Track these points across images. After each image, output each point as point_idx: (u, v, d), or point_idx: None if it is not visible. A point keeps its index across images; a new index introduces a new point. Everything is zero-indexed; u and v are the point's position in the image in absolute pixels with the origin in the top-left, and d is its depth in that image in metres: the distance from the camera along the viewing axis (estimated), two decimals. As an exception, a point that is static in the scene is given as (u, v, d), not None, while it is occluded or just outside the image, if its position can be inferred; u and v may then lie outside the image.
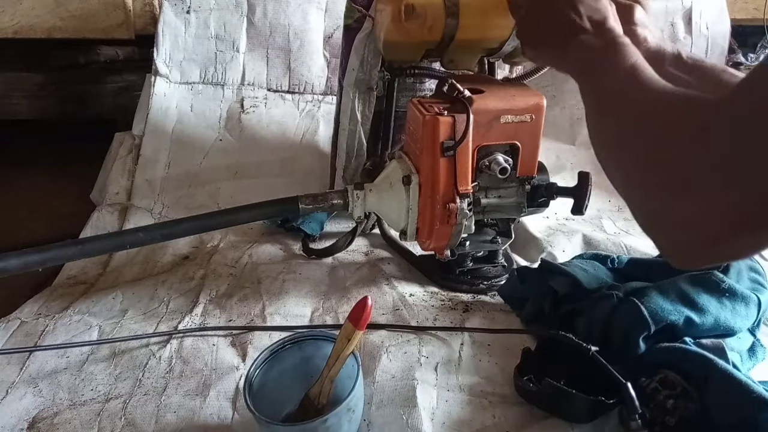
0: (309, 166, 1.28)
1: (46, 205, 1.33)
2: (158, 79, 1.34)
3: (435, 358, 0.75)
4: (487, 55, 0.92)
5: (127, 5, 1.43)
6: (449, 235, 0.80)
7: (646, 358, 0.68)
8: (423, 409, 0.66)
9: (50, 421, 0.67)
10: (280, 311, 0.85)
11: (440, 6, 0.79)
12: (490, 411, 0.67)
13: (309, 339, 0.67)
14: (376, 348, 0.76)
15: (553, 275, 0.80)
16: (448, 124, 0.74)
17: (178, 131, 1.31)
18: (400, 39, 0.82)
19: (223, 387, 0.71)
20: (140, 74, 1.38)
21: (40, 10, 1.40)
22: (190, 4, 1.35)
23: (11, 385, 0.73)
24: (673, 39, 1.33)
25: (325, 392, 0.63)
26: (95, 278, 1.00)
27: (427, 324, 0.81)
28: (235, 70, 1.38)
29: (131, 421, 0.67)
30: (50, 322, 0.85)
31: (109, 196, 1.21)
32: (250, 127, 1.34)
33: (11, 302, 0.92)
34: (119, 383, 0.72)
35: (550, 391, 0.65)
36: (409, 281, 0.93)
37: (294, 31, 1.38)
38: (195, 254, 1.04)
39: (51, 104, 1.50)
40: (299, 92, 1.41)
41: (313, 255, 1.01)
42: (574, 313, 0.76)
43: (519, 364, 0.71)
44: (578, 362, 0.68)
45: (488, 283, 0.91)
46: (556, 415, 0.66)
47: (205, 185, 1.24)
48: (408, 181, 0.79)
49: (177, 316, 0.85)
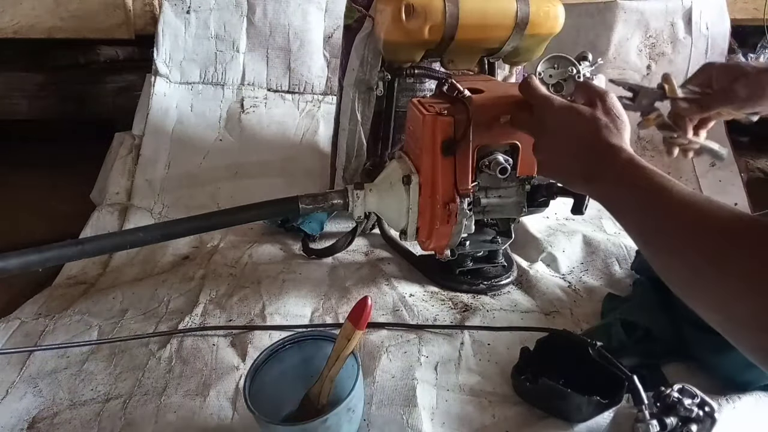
0: (309, 166, 1.28)
1: (46, 205, 1.32)
2: (158, 79, 1.34)
3: (435, 358, 0.75)
4: (487, 55, 0.92)
5: (127, 5, 1.43)
6: (449, 234, 0.80)
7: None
8: (423, 409, 0.66)
9: (50, 421, 0.67)
10: (280, 311, 0.85)
11: (440, 6, 0.79)
12: (490, 411, 0.67)
13: (309, 339, 0.67)
14: (376, 348, 0.76)
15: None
16: (448, 123, 0.74)
17: (178, 131, 1.32)
18: (400, 39, 0.82)
19: (223, 387, 0.71)
20: (140, 74, 1.39)
21: (40, 10, 1.40)
22: (190, 4, 1.35)
23: (11, 385, 0.73)
24: (673, 39, 1.34)
25: (325, 392, 0.62)
26: (95, 278, 1.00)
27: (427, 324, 0.81)
28: (235, 70, 1.38)
29: (131, 421, 0.67)
30: (50, 322, 0.85)
31: (109, 196, 1.21)
32: (250, 127, 1.34)
33: (11, 302, 0.92)
34: (119, 383, 0.72)
35: (546, 389, 0.65)
36: (409, 281, 0.93)
37: (294, 31, 1.38)
38: (195, 254, 1.04)
39: (51, 104, 1.50)
40: (299, 92, 1.41)
41: (313, 255, 1.01)
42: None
43: (517, 363, 0.71)
44: (576, 362, 0.69)
45: (488, 283, 0.91)
46: (553, 413, 0.66)
47: (205, 185, 1.24)
48: (408, 181, 0.79)
49: (177, 316, 0.85)
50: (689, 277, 0.43)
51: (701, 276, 0.42)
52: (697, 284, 0.42)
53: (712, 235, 0.42)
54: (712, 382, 0.70)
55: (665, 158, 1.30)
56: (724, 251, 0.40)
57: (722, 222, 0.42)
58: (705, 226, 0.43)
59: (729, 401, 0.66)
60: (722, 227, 0.42)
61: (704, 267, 0.41)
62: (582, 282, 0.93)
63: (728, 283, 0.39)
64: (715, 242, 0.41)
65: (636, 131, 1.35)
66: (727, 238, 0.41)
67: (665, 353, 0.74)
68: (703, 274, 0.41)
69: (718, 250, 0.41)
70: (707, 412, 0.61)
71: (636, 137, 1.34)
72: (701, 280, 0.42)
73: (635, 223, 0.50)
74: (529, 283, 0.93)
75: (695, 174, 1.27)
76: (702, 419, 0.60)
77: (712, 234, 0.42)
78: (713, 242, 0.42)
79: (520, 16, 0.82)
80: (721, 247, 0.41)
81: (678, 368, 0.73)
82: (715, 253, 0.41)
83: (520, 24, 0.83)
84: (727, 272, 0.40)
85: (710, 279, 0.41)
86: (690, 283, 0.43)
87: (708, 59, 1.33)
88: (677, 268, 0.44)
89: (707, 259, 0.41)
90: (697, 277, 0.42)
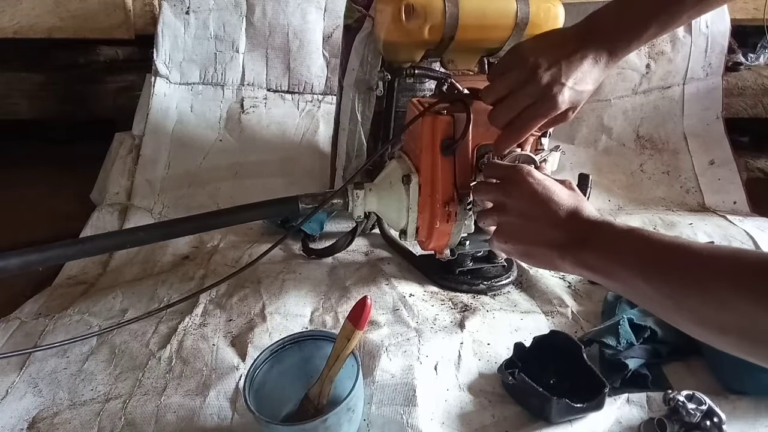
0: (309, 166, 1.28)
1: (46, 205, 1.32)
2: (158, 80, 1.34)
3: (435, 358, 0.75)
4: (487, 55, 0.92)
5: (127, 5, 1.43)
6: (449, 234, 0.80)
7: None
8: (423, 408, 0.66)
9: (50, 421, 0.67)
10: (280, 311, 0.85)
11: (440, 6, 0.79)
12: (490, 411, 0.67)
13: (309, 339, 0.67)
14: (375, 347, 0.76)
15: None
16: (447, 123, 0.74)
17: (178, 131, 1.32)
18: (400, 39, 0.82)
19: (223, 387, 0.71)
20: (140, 74, 1.38)
21: (40, 10, 1.40)
22: (189, 5, 1.35)
23: (11, 385, 0.73)
24: (673, 38, 1.34)
25: (325, 392, 0.63)
26: (95, 278, 1.00)
27: (426, 324, 0.81)
28: (235, 71, 1.38)
29: (131, 421, 0.67)
30: (50, 322, 0.85)
31: (109, 196, 1.21)
32: (250, 127, 1.34)
33: (11, 302, 0.92)
34: (119, 383, 0.72)
35: (522, 385, 0.65)
36: (409, 281, 0.93)
37: (293, 31, 1.38)
38: (195, 254, 1.04)
39: (51, 104, 1.50)
40: (299, 92, 1.41)
41: (313, 255, 1.01)
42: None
43: (509, 358, 0.71)
44: (572, 363, 0.69)
45: (488, 283, 0.91)
46: (532, 411, 0.66)
47: (205, 185, 1.24)
48: (408, 180, 0.79)
49: (177, 316, 0.85)
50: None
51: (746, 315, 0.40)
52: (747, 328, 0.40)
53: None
54: (712, 382, 0.70)
55: (664, 157, 1.30)
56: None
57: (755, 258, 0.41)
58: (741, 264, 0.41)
59: (729, 401, 0.66)
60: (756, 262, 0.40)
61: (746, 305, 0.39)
62: (582, 282, 0.93)
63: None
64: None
65: (636, 130, 1.35)
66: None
67: (670, 354, 0.74)
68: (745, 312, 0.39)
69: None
70: (715, 422, 0.60)
71: (635, 135, 1.34)
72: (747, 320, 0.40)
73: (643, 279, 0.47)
74: (529, 283, 0.93)
75: (694, 172, 1.27)
76: (709, 429, 0.60)
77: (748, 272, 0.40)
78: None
79: (520, 16, 0.82)
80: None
81: (678, 368, 0.73)
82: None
83: (520, 24, 0.83)
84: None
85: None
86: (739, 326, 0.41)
87: (708, 58, 1.33)
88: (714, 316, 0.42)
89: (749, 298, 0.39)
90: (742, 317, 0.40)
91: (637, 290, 0.48)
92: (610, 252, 0.50)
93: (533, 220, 0.58)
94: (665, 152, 1.32)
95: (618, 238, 0.50)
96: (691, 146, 1.30)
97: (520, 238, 0.60)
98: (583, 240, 0.53)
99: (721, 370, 0.70)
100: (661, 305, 0.46)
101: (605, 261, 0.51)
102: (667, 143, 1.32)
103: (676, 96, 1.34)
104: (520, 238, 0.60)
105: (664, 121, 1.33)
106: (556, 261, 0.56)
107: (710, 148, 1.29)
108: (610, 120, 1.35)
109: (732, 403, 0.66)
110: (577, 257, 0.53)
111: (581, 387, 0.65)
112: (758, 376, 0.66)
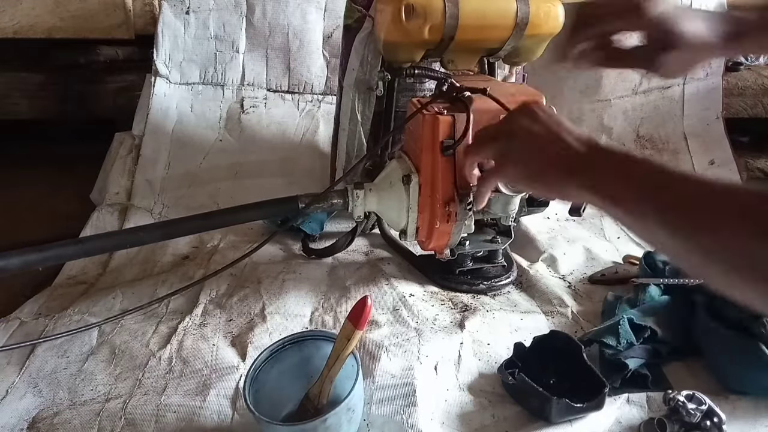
0: (309, 166, 1.28)
1: (46, 205, 1.32)
2: (158, 80, 1.34)
3: (435, 358, 0.75)
4: (487, 55, 0.92)
5: (127, 5, 1.43)
6: (449, 234, 0.80)
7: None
8: (423, 408, 0.66)
9: (50, 421, 0.67)
10: (280, 311, 0.85)
11: (440, 6, 0.79)
12: (490, 411, 0.67)
13: (309, 339, 0.67)
14: (375, 347, 0.76)
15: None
16: (447, 123, 0.74)
17: (178, 131, 1.32)
18: (400, 39, 0.82)
19: (223, 387, 0.71)
20: (140, 74, 1.38)
21: (40, 10, 1.40)
22: (189, 5, 1.35)
23: (11, 385, 0.73)
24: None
25: (325, 392, 0.63)
26: (95, 278, 1.00)
27: (426, 324, 0.81)
28: (235, 71, 1.38)
29: (131, 421, 0.67)
30: (50, 322, 0.85)
31: (109, 196, 1.21)
32: (250, 127, 1.34)
33: (11, 302, 0.92)
34: (119, 383, 0.72)
35: (522, 385, 0.65)
36: (409, 281, 0.93)
37: (293, 31, 1.38)
38: (195, 254, 1.04)
39: (51, 104, 1.50)
40: (299, 92, 1.41)
41: (313, 255, 1.01)
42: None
43: (509, 358, 0.71)
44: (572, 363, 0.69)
45: (488, 283, 0.91)
46: (531, 411, 0.66)
47: (205, 185, 1.24)
48: (408, 180, 0.79)
49: (177, 316, 0.85)
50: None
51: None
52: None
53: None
54: (712, 382, 0.70)
55: (664, 157, 1.30)
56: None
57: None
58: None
59: (729, 401, 0.66)
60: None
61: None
62: (582, 282, 0.93)
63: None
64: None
65: (636, 130, 1.35)
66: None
67: (670, 354, 0.74)
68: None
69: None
70: (715, 422, 0.60)
71: (635, 135, 1.34)
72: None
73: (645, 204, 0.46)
74: (529, 283, 0.93)
75: (694, 171, 1.27)
76: (709, 429, 0.60)
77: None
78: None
79: (520, 16, 0.82)
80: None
81: (678, 368, 0.73)
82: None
83: (519, 24, 0.83)
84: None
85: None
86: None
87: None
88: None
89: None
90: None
91: (648, 221, 0.47)
92: (621, 174, 0.49)
93: (549, 142, 0.55)
94: (665, 152, 1.32)
95: (632, 162, 0.49)
96: (691, 146, 1.31)
97: (534, 158, 0.57)
98: (598, 162, 0.52)
99: (721, 370, 0.70)
100: (671, 236, 0.45)
101: (616, 185, 0.49)
102: (667, 143, 1.32)
103: (676, 96, 1.34)
104: (533, 158, 0.57)
105: (664, 121, 1.34)
106: (566, 183, 0.54)
107: (710, 148, 1.29)
108: (610, 120, 1.35)
109: (732, 403, 0.66)
110: (589, 178, 0.52)
111: (581, 387, 0.65)
112: (758, 376, 0.66)
